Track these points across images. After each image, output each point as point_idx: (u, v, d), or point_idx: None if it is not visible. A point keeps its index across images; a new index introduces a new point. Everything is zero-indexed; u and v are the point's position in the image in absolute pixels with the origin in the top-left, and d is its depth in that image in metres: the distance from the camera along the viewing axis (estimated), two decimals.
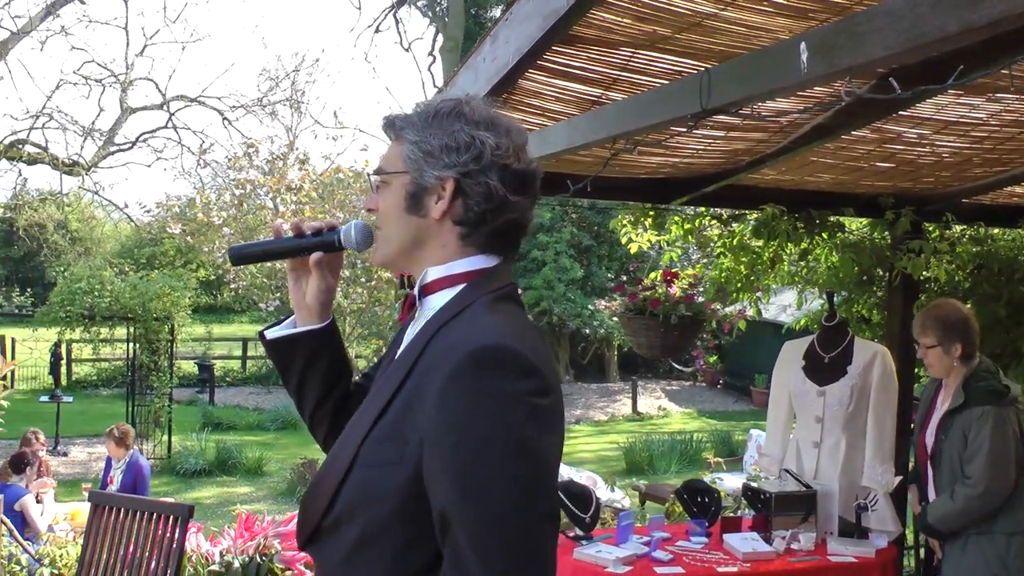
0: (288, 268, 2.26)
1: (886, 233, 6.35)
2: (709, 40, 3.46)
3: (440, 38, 21.49)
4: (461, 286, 2.00)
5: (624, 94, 3.99)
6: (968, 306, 5.38)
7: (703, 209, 6.47)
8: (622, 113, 3.36)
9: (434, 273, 2.03)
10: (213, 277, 19.82)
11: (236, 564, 6.00)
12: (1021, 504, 4.63)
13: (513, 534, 1.74)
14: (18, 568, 6.08)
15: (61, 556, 6.18)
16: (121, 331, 17.73)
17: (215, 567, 6.05)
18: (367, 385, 2.26)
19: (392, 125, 2.07)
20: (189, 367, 26.05)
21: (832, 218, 6.23)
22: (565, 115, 4.33)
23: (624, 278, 6.04)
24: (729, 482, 10.45)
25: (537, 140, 4.01)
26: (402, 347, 2.06)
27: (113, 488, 8.97)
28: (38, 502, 8.82)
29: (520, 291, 2.14)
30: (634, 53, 3.69)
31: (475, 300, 1.96)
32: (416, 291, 2.06)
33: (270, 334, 2.28)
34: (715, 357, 26.80)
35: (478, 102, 2.03)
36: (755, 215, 6.22)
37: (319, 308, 2.24)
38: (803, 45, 2.24)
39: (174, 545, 5.18)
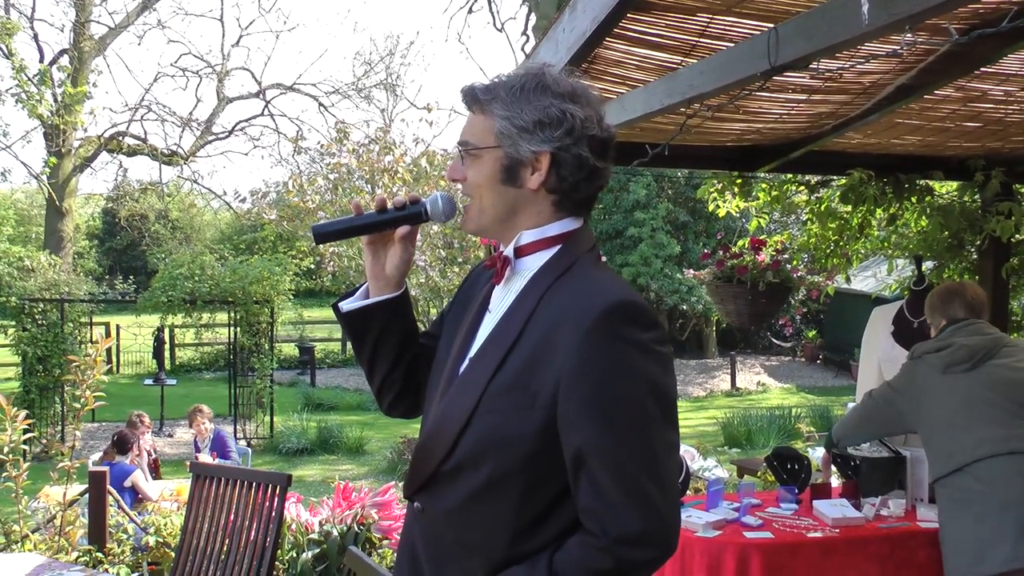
0: (365, 242, 2.35)
1: (976, 196, 6.27)
2: (784, 1, 3.48)
3: (533, 17, 21.44)
4: (556, 247, 2.13)
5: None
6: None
7: (790, 176, 6.45)
8: (695, 75, 3.39)
9: (528, 236, 2.15)
10: (313, 265, 20.08)
11: (335, 533, 6.15)
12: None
13: (651, 462, 1.94)
14: (125, 536, 6.32)
15: (165, 525, 6.40)
16: (222, 316, 18.13)
17: (314, 535, 6.22)
18: (431, 344, 2.40)
19: (475, 97, 2.16)
20: (290, 350, 26.51)
21: (920, 182, 6.17)
22: (646, 83, 4.36)
23: (707, 250, 6.06)
24: (820, 454, 10.36)
25: (616, 108, 4.05)
26: (501, 305, 2.18)
27: None
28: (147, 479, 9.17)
29: (618, 269, 2.25)
30: (711, 19, 3.72)
31: (577, 259, 2.11)
32: (510, 252, 2.16)
33: (345, 306, 2.37)
34: (814, 332, 26.52)
35: (560, 73, 2.14)
36: (842, 180, 6.19)
37: (399, 278, 2.35)
38: None
39: (273, 513, 5.32)
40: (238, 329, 17.14)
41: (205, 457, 10.42)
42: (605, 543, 1.90)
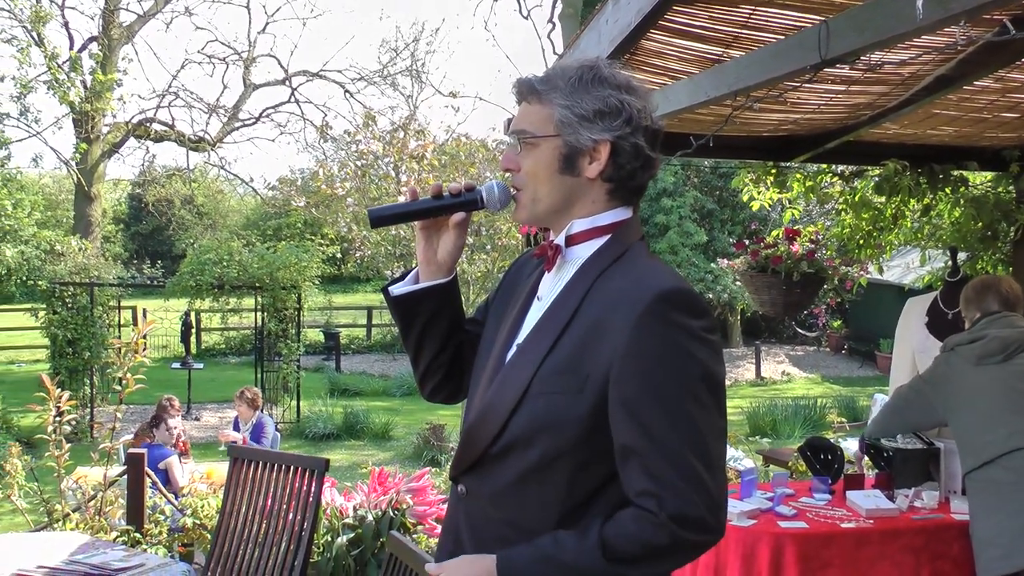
0: (418, 227, 2.36)
1: (1011, 187, 6.26)
2: None
3: (559, 5, 21.41)
4: (607, 236, 2.17)
5: (744, 51, 4.03)
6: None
7: (824, 166, 6.45)
8: (743, 68, 3.41)
9: (580, 225, 2.18)
10: (339, 254, 20.17)
11: (369, 518, 6.19)
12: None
13: (702, 448, 1.97)
14: (162, 518, 6.39)
15: (202, 507, 6.45)
16: (248, 301, 18.22)
17: (349, 520, 6.26)
18: (475, 331, 2.43)
19: (532, 87, 2.19)
20: (315, 335, 26.60)
21: (955, 172, 6.16)
22: (687, 74, 4.37)
23: (747, 241, 6.04)
24: (852, 446, 10.34)
25: (660, 99, 4.07)
26: (551, 291, 2.21)
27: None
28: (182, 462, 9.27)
29: None
30: (754, 10, 3.74)
31: (628, 247, 2.15)
32: (561, 241, 2.20)
33: (395, 290, 2.39)
34: (839, 322, 26.43)
35: (614, 65, 2.17)
36: (877, 171, 6.18)
37: (450, 264, 2.38)
38: None
39: (311, 498, 5.35)
40: (265, 314, 17.23)
41: (235, 436, 10.52)
42: (663, 519, 1.93)
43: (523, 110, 2.21)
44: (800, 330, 27.61)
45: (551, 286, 2.22)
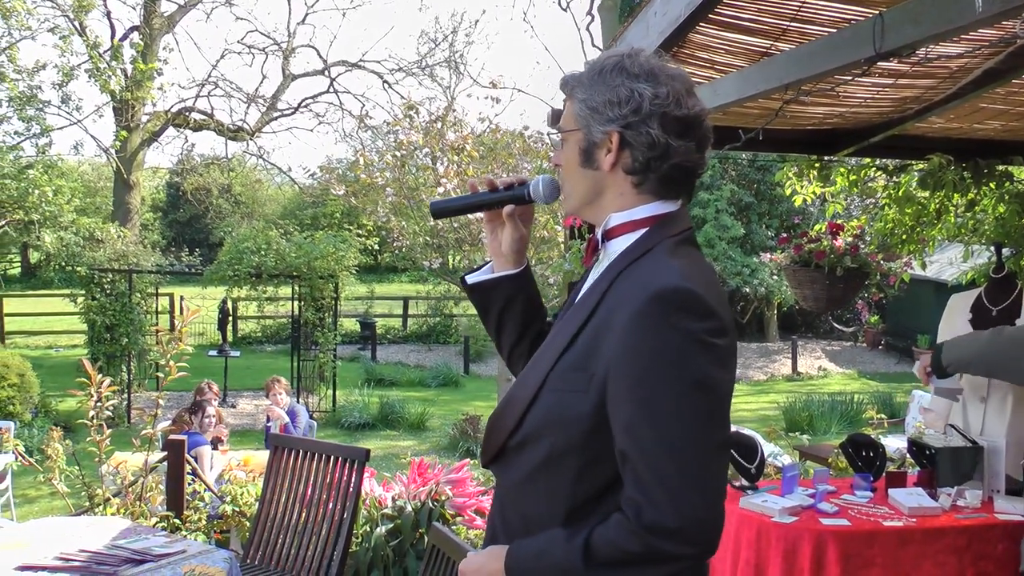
0: (485, 220, 2.46)
1: None
2: None
3: None
4: (643, 230, 2.13)
5: (793, 44, 4.00)
6: None
7: (868, 160, 6.40)
8: (794, 61, 3.39)
9: (617, 219, 2.16)
10: (377, 246, 20.22)
11: (408, 508, 6.20)
12: None
13: (689, 460, 1.89)
14: (202, 504, 6.43)
15: (242, 494, 6.49)
16: (285, 290, 18.31)
17: (388, 510, 6.28)
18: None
19: (566, 84, 2.20)
20: (351, 325, 26.69)
21: (1000, 167, 6.10)
22: (734, 67, 4.35)
23: (784, 235, 6.02)
24: (891, 443, 10.28)
25: (707, 93, 4.05)
26: (585, 286, 2.22)
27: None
28: (215, 448, 9.31)
29: None
30: (803, 3, 3.70)
31: (657, 243, 2.09)
32: (599, 235, 2.19)
33: (471, 279, 2.49)
34: (876, 317, 26.26)
35: (642, 55, 2.13)
36: (921, 165, 6.13)
37: (514, 255, 2.44)
38: None
39: (351, 488, 5.38)
40: (302, 303, 17.29)
41: (281, 413, 10.61)
42: (637, 528, 1.89)
43: (566, 106, 2.23)
44: (837, 325, 27.46)
45: (589, 281, 2.23)
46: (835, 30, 3.81)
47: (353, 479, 5.38)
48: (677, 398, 1.89)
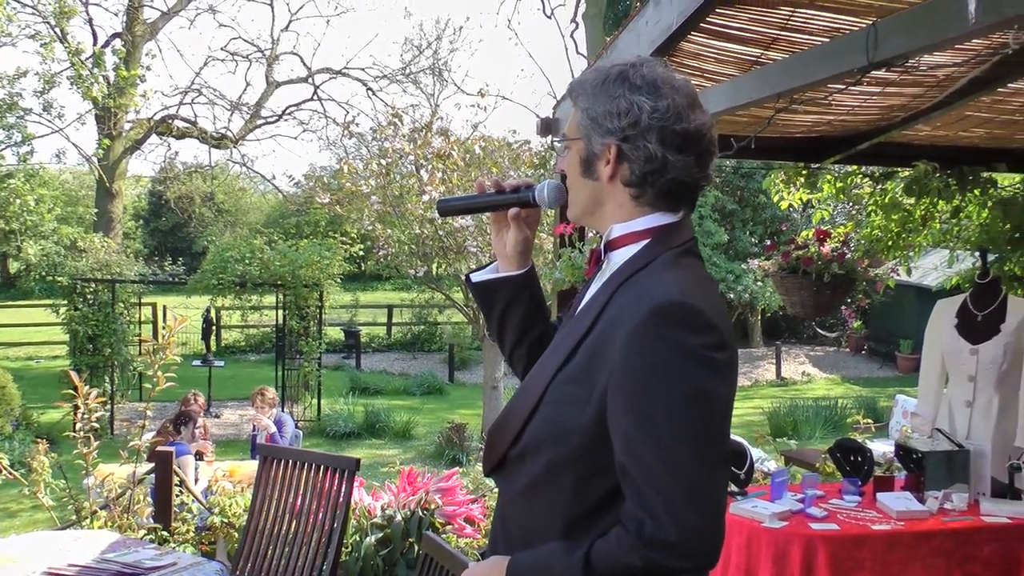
0: (491, 221, 2.46)
1: None
2: None
3: (583, 4, 21.38)
4: (645, 242, 2.11)
5: (783, 53, 4.02)
6: None
7: (854, 167, 6.44)
8: (787, 70, 3.40)
9: (619, 230, 2.15)
10: (362, 252, 20.19)
11: (398, 517, 6.20)
12: None
13: (689, 474, 1.87)
14: (190, 516, 6.41)
15: (230, 505, 6.47)
16: (269, 298, 18.25)
17: (377, 520, 6.27)
18: (559, 327, 2.43)
19: (573, 90, 2.18)
20: (335, 333, 26.63)
21: (984, 174, 6.15)
22: (723, 75, 4.37)
23: (767, 242, 6.03)
24: (876, 448, 10.31)
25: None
26: (586, 298, 2.21)
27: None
28: (199, 459, 9.26)
29: None
30: (793, 12, 3.72)
31: (658, 255, 2.07)
32: (602, 246, 2.19)
33: (475, 278, 2.49)
34: (859, 323, 26.37)
35: (648, 65, 2.11)
36: (907, 172, 6.17)
37: (518, 257, 2.43)
38: None
39: (341, 498, 5.36)
40: (286, 312, 17.25)
41: (268, 423, 10.59)
42: (637, 542, 1.87)
43: (570, 113, 2.22)
44: (820, 331, 27.55)
45: (591, 292, 2.21)
46: (825, 39, 3.84)
47: (343, 489, 5.36)
48: (676, 412, 1.88)
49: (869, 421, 9.43)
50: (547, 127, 5.87)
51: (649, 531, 1.87)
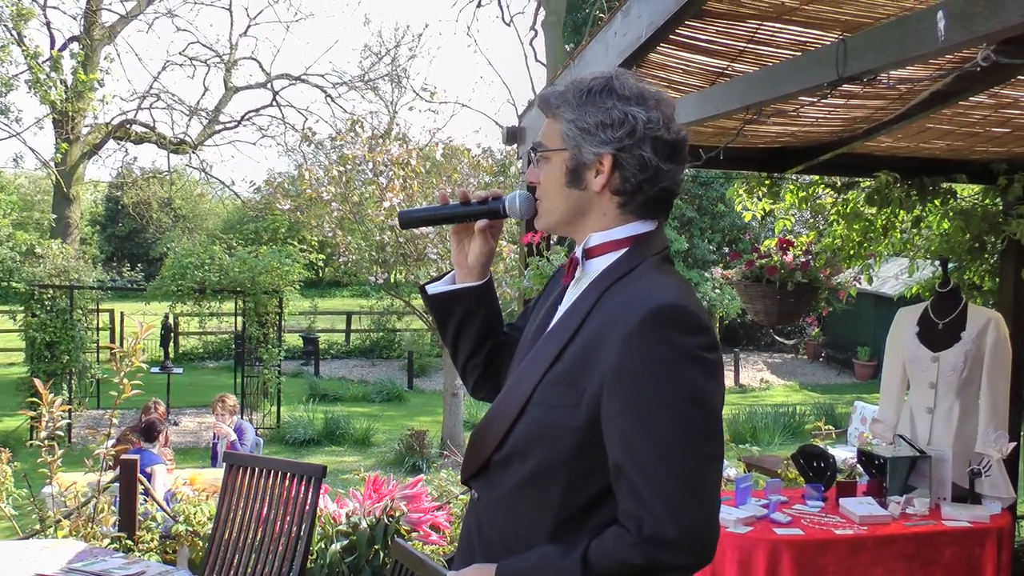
0: (452, 231, 2.45)
1: (998, 199, 6.35)
2: (836, 10, 3.54)
3: (542, 12, 21.44)
4: (624, 250, 2.15)
5: (750, 66, 4.08)
6: None
7: (817, 177, 6.52)
8: (756, 83, 3.45)
9: (597, 239, 2.18)
10: (322, 262, 20.07)
11: (363, 525, 6.19)
12: None
13: (687, 472, 1.92)
14: (154, 524, 6.37)
15: (195, 514, 6.43)
16: (228, 305, 18.13)
17: (343, 527, 6.27)
18: (514, 336, 2.47)
19: (547, 103, 2.21)
20: (294, 340, 26.50)
21: (944, 185, 6.25)
22: (690, 87, 4.42)
23: (726, 250, 6.10)
24: (837, 454, 10.39)
25: None
26: (567, 303, 2.23)
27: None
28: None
29: None
30: (760, 25, 3.77)
31: (641, 261, 2.12)
32: (579, 254, 2.21)
33: (431, 289, 2.48)
34: (817, 330, 26.56)
35: (628, 77, 2.15)
36: (868, 183, 6.26)
37: (479, 268, 2.45)
38: (941, 13, 2.33)
39: (307, 505, 5.34)
40: (246, 319, 17.16)
41: (228, 431, 10.52)
42: (637, 539, 1.91)
43: (544, 125, 2.24)
44: (779, 338, 27.73)
45: (569, 298, 2.23)
46: (791, 52, 3.89)
47: (310, 496, 5.35)
48: (674, 412, 1.92)
49: (830, 428, 9.52)
50: (512, 136, 5.90)
51: (648, 528, 1.91)
